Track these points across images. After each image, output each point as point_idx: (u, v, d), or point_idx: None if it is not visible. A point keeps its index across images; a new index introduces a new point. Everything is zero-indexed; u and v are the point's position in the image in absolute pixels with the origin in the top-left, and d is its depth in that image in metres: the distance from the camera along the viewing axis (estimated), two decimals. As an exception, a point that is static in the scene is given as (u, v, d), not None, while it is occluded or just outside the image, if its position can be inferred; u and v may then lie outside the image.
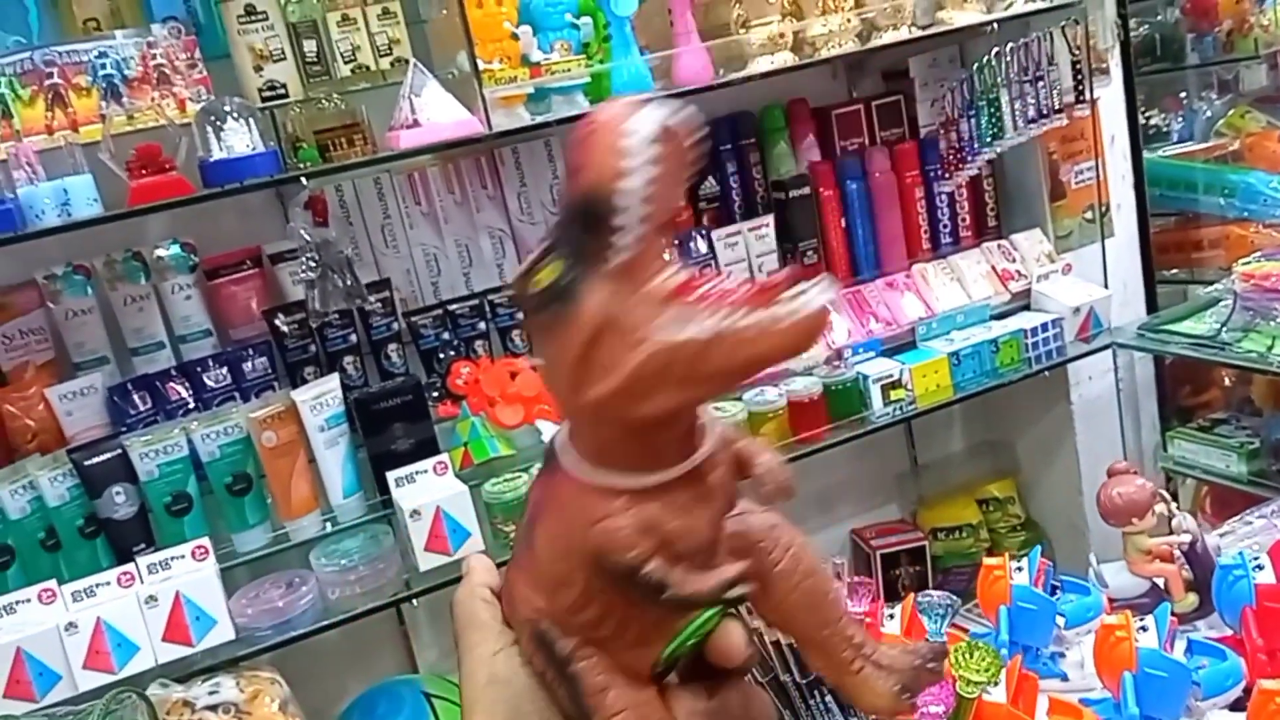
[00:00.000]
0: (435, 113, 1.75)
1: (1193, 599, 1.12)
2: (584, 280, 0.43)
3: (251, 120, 1.67)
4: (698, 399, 0.45)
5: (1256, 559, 1.00)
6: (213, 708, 1.62)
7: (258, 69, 1.76)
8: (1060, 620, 1.07)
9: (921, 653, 0.52)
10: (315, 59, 1.79)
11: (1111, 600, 1.14)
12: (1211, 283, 2.39)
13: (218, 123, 1.65)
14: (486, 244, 2.16)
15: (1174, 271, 2.65)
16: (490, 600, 0.58)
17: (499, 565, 0.58)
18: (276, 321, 1.93)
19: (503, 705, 0.54)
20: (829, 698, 0.80)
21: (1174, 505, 1.14)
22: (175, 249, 1.93)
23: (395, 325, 2.02)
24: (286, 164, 1.75)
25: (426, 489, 1.81)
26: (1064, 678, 1.08)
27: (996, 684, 0.83)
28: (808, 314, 0.41)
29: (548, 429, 2.00)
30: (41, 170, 1.60)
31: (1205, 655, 0.95)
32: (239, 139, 1.65)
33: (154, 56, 1.72)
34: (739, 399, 2.07)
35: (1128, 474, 1.15)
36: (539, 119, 1.88)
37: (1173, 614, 1.15)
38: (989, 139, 2.18)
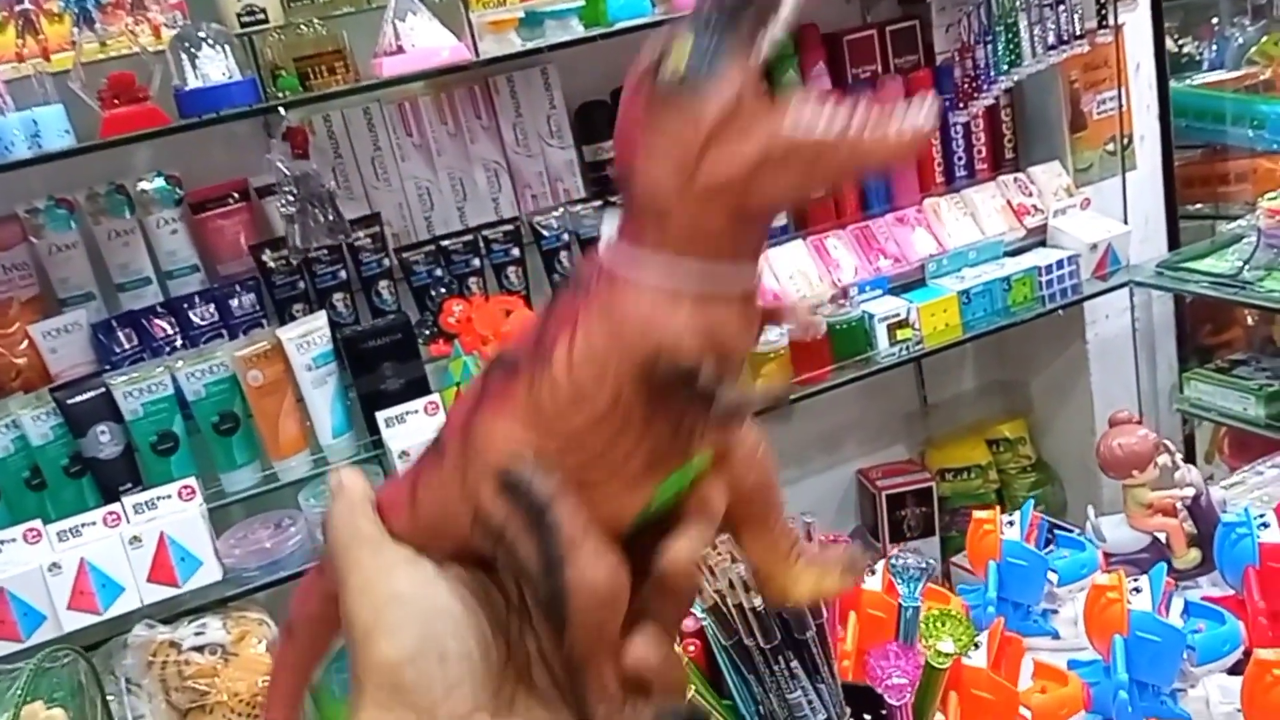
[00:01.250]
0: (421, 38, 1.68)
1: (1195, 555, 1.07)
2: (724, 65, 0.43)
3: (228, 47, 1.60)
4: (803, 192, 0.45)
5: (1262, 516, 0.94)
6: (199, 649, 1.61)
7: (236, -8, 1.68)
8: (1053, 577, 1.02)
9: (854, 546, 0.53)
10: (296, -18, 1.71)
11: (1109, 555, 1.09)
12: (1237, 218, 2.30)
13: (193, 50, 1.59)
14: (481, 177, 2.09)
15: (1198, 206, 2.55)
16: (375, 518, 0.48)
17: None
18: (264, 257, 1.88)
19: (411, 626, 0.44)
20: (794, 663, 0.76)
21: (1178, 457, 1.08)
22: (160, 182, 1.88)
23: (386, 261, 1.97)
24: (266, 93, 1.68)
25: (417, 429, 1.77)
26: (1055, 635, 1.03)
27: (968, 655, 0.79)
28: (914, 132, 0.42)
29: (542, 368, 1.95)
30: (10, 100, 1.55)
31: (1203, 618, 0.90)
32: (215, 67, 1.58)
33: (128, -21, 1.65)
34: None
35: (1130, 423, 1.10)
36: (530, 45, 1.80)
37: (1174, 570, 1.10)
38: (1006, 67, 2.08)
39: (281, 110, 1.60)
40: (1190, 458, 2.59)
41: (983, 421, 2.61)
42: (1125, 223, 2.30)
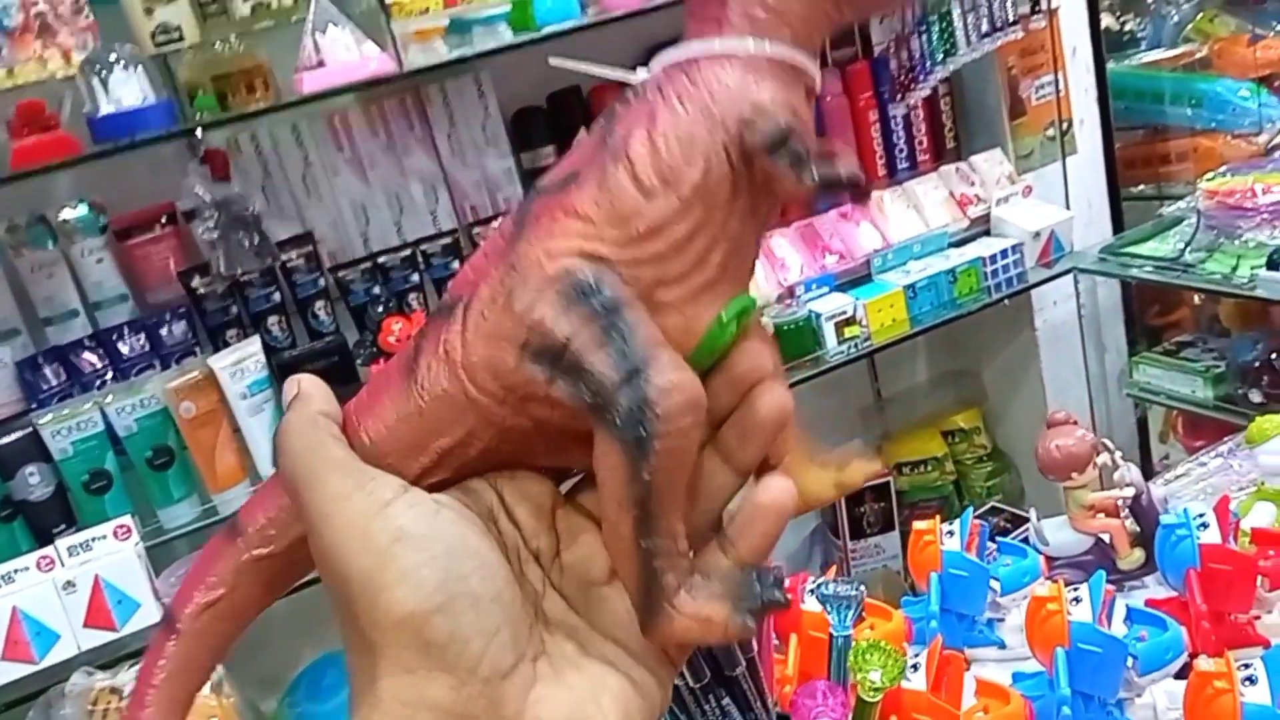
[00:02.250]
0: (343, 52, 1.63)
1: (1139, 554, 1.05)
2: None
3: (142, 69, 1.55)
4: None
5: (1201, 516, 0.93)
6: (141, 692, 1.56)
7: (148, 11, 1.62)
8: (996, 584, 1.00)
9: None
10: (211, -2, 1.66)
11: (1052, 560, 1.08)
12: (1180, 197, 2.30)
13: (104, 73, 1.53)
14: (417, 190, 2.05)
15: (1142, 188, 2.55)
16: (341, 436, 0.40)
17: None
18: (193, 283, 1.83)
19: (430, 568, 0.35)
20: (726, 700, 0.73)
21: (1118, 455, 1.07)
22: (83, 210, 1.82)
23: (321, 281, 1.92)
24: (185, 114, 1.63)
25: (359, 453, 1.73)
26: (1002, 645, 1.02)
27: (908, 679, 0.77)
28: None
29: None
30: (-86, 134, 1.49)
31: (1146, 624, 0.88)
32: (128, 90, 1.53)
33: (36, 3, 1.59)
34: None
35: (1067, 424, 1.08)
36: (457, 53, 1.76)
37: (1119, 571, 1.09)
38: (941, 56, 2.07)
39: (198, 132, 1.55)
40: (1144, 440, 2.60)
41: (938, 413, 2.61)
42: (1068, 208, 2.30)
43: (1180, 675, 0.88)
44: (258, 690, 1.99)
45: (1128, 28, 2.72)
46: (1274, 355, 2.00)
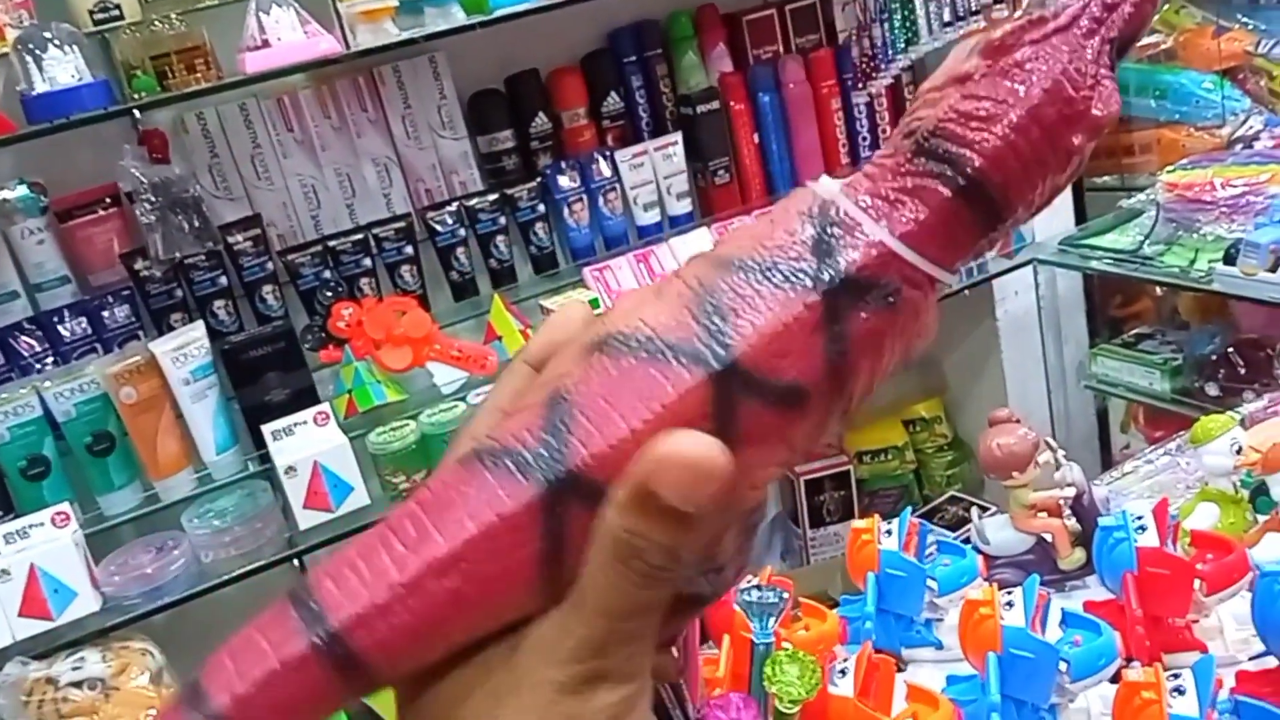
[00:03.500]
0: (287, 31, 1.59)
1: (1080, 555, 1.04)
2: None
3: (77, 47, 1.50)
4: None
5: (1140, 519, 0.92)
6: (77, 684, 1.53)
7: (86, -12, 1.58)
8: (933, 585, 0.99)
9: None
10: (152, -26, 1.62)
11: (993, 559, 1.06)
12: (1144, 189, 2.29)
13: (38, 52, 1.48)
14: (370, 172, 2.01)
15: (1105, 179, 2.54)
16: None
17: None
18: (136, 266, 1.78)
19: None
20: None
21: (1060, 454, 1.05)
22: (22, 190, 1.78)
23: (269, 264, 1.88)
24: (123, 94, 1.58)
25: (305, 442, 1.70)
26: (939, 646, 1.00)
27: (834, 684, 0.75)
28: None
29: (439, 372, 1.89)
30: None
31: (1081, 629, 0.87)
32: (63, 69, 1.48)
33: (-32, -23, 1.54)
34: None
35: (1009, 422, 1.07)
36: (408, 34, 1.72)
37: (1060, 571, 1.08)
38: (903, 45, 2.04)
39: (136, 112, 1.50)
40: (1104, 431, 2.60)
41: (899, 401, 2.60)
42: (1030, 199, 2.28)
43: (1115, 680, 0.87)
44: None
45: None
46: (1231, 349, 2.00)
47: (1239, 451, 1.04)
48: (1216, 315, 2.13)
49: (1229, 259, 1.79)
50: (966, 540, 1.10)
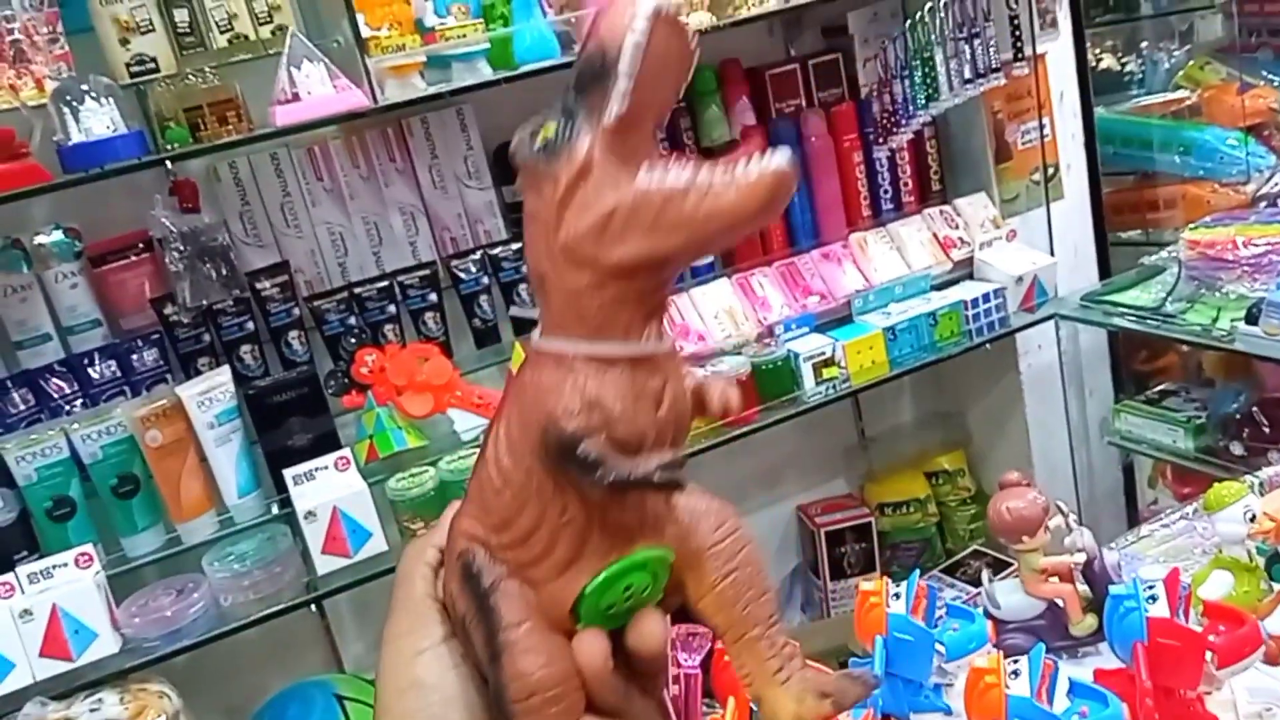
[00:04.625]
0: (316, 85, 1.63)
1: (1091, 621, 1.03)
2: (580, 132, 0.46)
3: (112, 99, 1.55)
4: (665, 253, 0.47)
5: (1151, 588, 0.91)
6: (93, 726, 1.54)
7: (124, 42, 1.63)
8: (941, 649, 0.98)
9: (850, 674, 0.51)
10: (188, 29, 1.66)
11: (1005, 623, 1.05)
12: (1168, 244, 2.29)
13: (75, 103, 1.53)
14: (397, 220, 2.05)
15: (1131, 234, 2.54)
16: (431, 574, 0.51)
17: None
18: (166, 310, 1.82)
19: (421, 717, 0.47)
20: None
21: (1072, 519, 1.05)
22: (58, 235, 1.82)
23: (296, 310, 1.91)
24: (157, 145, 1.63)
25: (326, 487, 1.72)
26: (948, 712, 1.00)
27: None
28: (773, 169, 0.44)
29: (460, 419, 1.91)
30: (-116, 159, 1.49)
31: (1088, 699, 0.86)
32: (98, 120, 1.53)
33: (11, 31, 1.59)
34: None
35: (1019, 486, 1.06)
36: (434, 89, 1.76)
37: (1071, 637, 1.07)
38: (924, 100, 2.06)
39: (168, 164, 1.54)
40: (1130, 486, 2.57)
41: (922, 454, 2.59)
42: (1052, 253, 2.28)
43: (1123, 752, 0.86)
44: (224, 719, 1.97)
45: (1129, 69, 2.72)
46: (1255, 408, 1.98)
47: (1253, 519, 1.03)
48: (1241, 373, 2.11)
49: (1251, 318, 1.77)
50: (976, 603, 1.09)
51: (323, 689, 1.88)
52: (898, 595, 0.99)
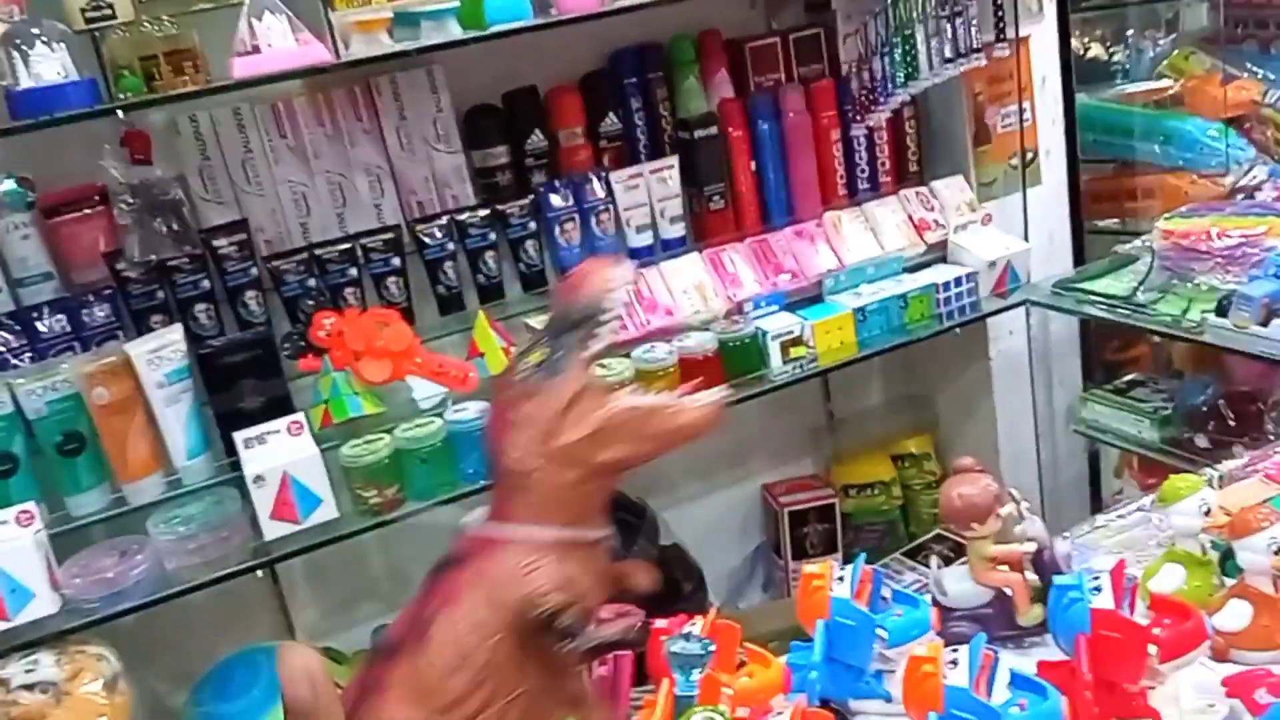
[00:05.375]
0: (277, 38, 1.58)
1: (1039, 611, 1.01)
2: (568, 361, 0.63)
3: (65, 45, 1.50)
4: (641, 456, 0.63)
5: (1096, 579, 0.89)
6: (28, 687, 1.51)
7: (80, -14, 1.57)
8: (884, 634, 0.96)
9: None
10: (148, -25, 1.61)
11: (951, 610, 1.03)
12: (1143, 234, 2.27)
13: (25, 48, 1.48)
14: (362, 182, 2.00)
15: (1108, 222, 2.52)
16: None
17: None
18: (119, 265, 1.77)
19: None
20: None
21: (1023, 507, 1.03)
22: (10, 184, 1.77)
23: (254, 270, 1.86)
24: (110, 94, 1.58)
25: (277, 451, 1.68)
26: (888, 698, 0.98)
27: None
28: (716, 399, 0.68)
29: (419, 386, 1.88)
30: None
31: (1027, 691, 0.85)
32: (48, 66, 1.48)
33: (-39, -29, 1.54)
34: (627, 355, 1.94)
35: (972, 472, 1.04)
36: (400, 46, 1.71)
37: (1018, 627, 1.05)
38: (903, 79, 2.02)
39: (120, 113, 1.49)
40: (1095, 476, 2.57)
41: (889, 437, 2.58)
42: (1027, 239, 2.26)
43: (1062, 745, 0.84)
44: (170, 684, 1.93)
45: (1116, 58, 2.69)
46: (1222, 401, 1.97)
47: (1207, 513, 1.01)
48: (1210, 365, 2.10)
49: (1221, 310, 1.76)
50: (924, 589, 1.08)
51: (270, 655, 1.85)
52: (841, 579, 0.97)
